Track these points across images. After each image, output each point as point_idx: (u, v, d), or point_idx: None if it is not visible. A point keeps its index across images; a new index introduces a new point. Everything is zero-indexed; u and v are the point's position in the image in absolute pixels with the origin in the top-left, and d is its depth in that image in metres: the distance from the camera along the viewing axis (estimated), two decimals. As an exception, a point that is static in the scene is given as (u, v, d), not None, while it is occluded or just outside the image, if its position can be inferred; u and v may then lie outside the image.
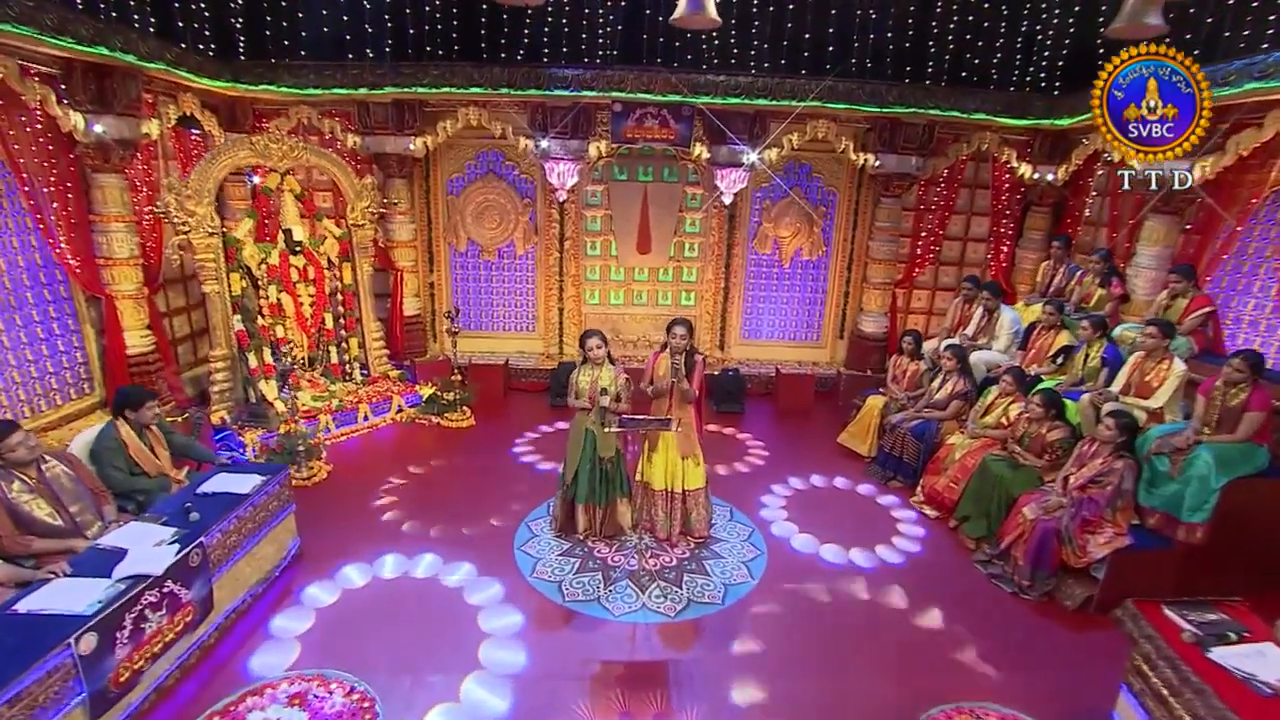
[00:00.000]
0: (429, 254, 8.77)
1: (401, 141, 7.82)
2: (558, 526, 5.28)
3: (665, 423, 4.55)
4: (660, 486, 5.13)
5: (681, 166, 8.57)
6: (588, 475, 5.07)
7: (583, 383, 5.00)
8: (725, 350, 9.19)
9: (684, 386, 4.87)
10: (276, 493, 4.72)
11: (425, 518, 5.49)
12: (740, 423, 7.87)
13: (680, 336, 4.79)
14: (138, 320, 6.40)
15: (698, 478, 5.20)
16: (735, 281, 8.99)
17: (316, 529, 5.16)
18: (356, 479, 6.09)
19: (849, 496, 6.25)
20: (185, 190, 6.12)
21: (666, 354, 4.95)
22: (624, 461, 5.20)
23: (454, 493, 5.94)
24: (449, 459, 6.63)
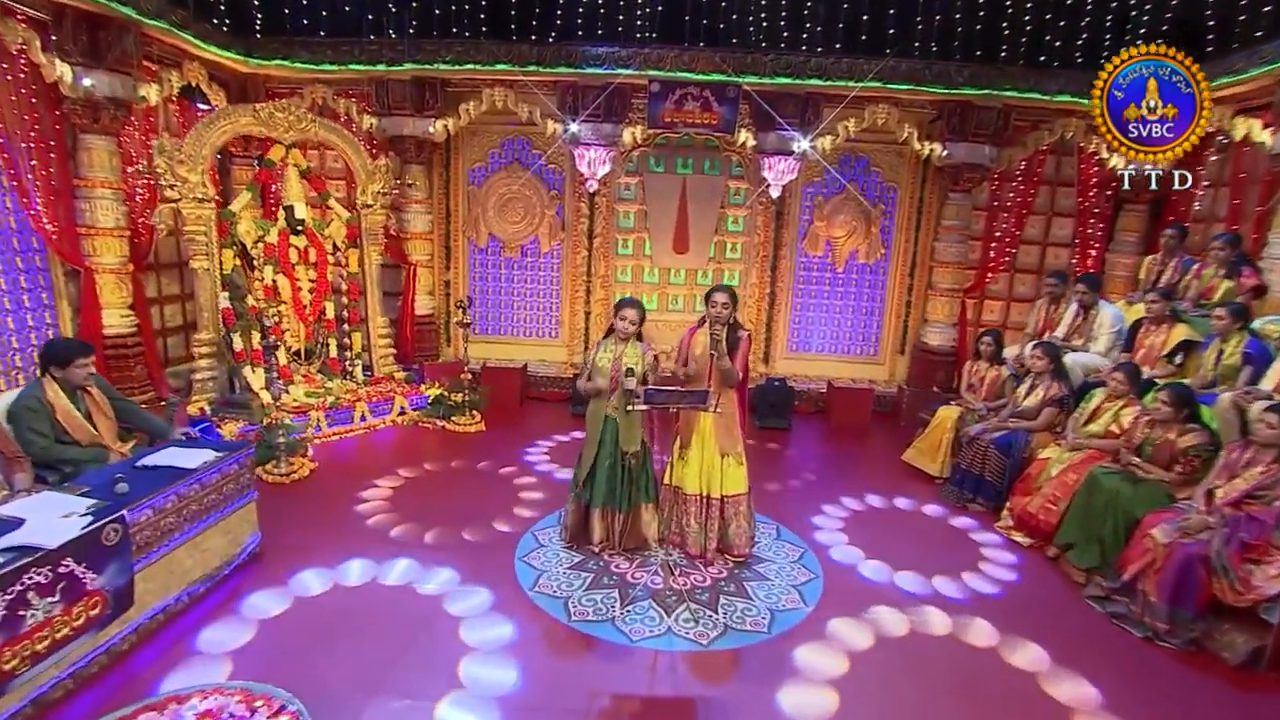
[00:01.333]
0: (446, 249, 8.32)
1: (421, 124, 7.43)
2: (569, 536, 4.57)
3: (702, 397, 3.79)
4: (694, 490, 4.40)
5: (724, 159, 8.03)
6: (607, 474, 4.37)
7: (603, 360, 4.35)
8: (770, 364, 8.43)
9: (725, 364, 4.14)
10: (234, 474, 4.08)
11: (415, 522, 4.84)
12: (787, 440, 7.07)
13: (722, 305, 4.15)
14: (118, 298, 5.97)
15: (739, 480, 4.44)
16: (782, 287, 8.32)
17: (285, 527, 4.60)
18: (342, 479, 5.52)
19: (919, 519, 5.41)
20: (178, 154, 5.71)
21: (704, 330, 4.31)
22: (651, 458, 4.47)
23: (452, 497, 5.32)
24: (451, 463, 6.02)
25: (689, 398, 3.82)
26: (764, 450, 6.69)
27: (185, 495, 3.69)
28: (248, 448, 4.26)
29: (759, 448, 6.69)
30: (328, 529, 4.67)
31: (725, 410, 4.34)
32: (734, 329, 4.29)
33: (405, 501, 5.15)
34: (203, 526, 3.83)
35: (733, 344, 4.24)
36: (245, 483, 4.20)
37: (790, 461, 6.47)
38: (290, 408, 6.22)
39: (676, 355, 4.53)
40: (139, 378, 6.09)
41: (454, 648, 3.49)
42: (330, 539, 4.52)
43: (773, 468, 6.26)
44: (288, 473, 5.39)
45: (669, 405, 3.85)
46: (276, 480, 5.32)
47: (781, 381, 7.63)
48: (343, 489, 5.27)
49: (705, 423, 4.35)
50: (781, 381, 7.63)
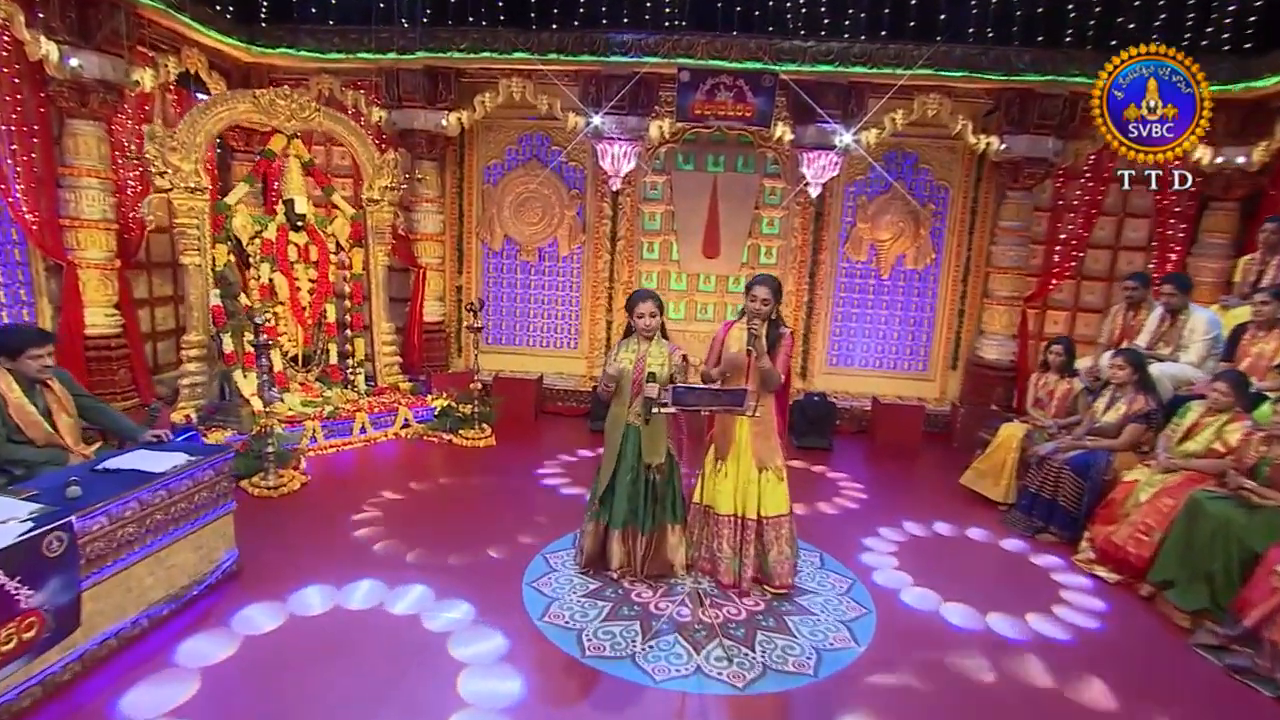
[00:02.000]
0: (458, 251, 8.10)
1: (433, 117, 7.25)
2: (585, 560, 4.21)
3: (739, 398, 3.41)
4: (727, 510, 4.03)
5: (759, 156, 7.75)
6: (628, 490, 4.02)
7: (624, 362, 4.02)
8: (808, 379, 8.03)
9: (765, 364, 3.79)
10: (208, 481, 3.77)
11: (411, 541, 4.53)
12: (828, 461, 6.67)
13: (763, 300, 3.85)
14: (103, 296, 5.78)
15: (780, 499, 4.06)
16: (822, 295, 7.96)
17: (268, 544, 4.34)
18: (336, 494, 5.25)
19: (982, 550, 4.99)
20: (170, 140, 5.53)
21: (741, 326, 3.98)
22: (678, 473, 4.12)
23: (454, 516, 5.02)
24: (457, 479, 5.73)
25: (724, 399, 3.45)
26: (803, 472, 6.32)
27: (148, 502, 3.38)
28: (225, 452, 3.96)
29: (797, 468, 6.32)
30: (316, 548, 4.39)
31: (764, 418, 3.99)
32: (774, 325, 3.98)
33: (403, 520, 4.87)
34: (168, 539, 3.52)
35: (772, 342, 3.93)
36: (222, 491, 3.90)
37: (833, 484, 6.07)
38: (284, 417, 5.98)
39: (709, 354, 4.19)
40: (122, 383, 5.88)
41: (445, 686, 3.12)
42: (318, 559, 4.22)
43: (814, 490, 5.87)
44: (276, 486, 5.11)
45: (701, 407, 3.47)
46: (263, 493, 5.05)
47: (822, 396, 7.21)
48: (336, 505, 5.01)
49: (742, 432, 4.02)
50: (822, 396, 7.21)
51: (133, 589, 3.33)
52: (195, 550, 3.72)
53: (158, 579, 3.48)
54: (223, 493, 3.91)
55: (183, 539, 3.62)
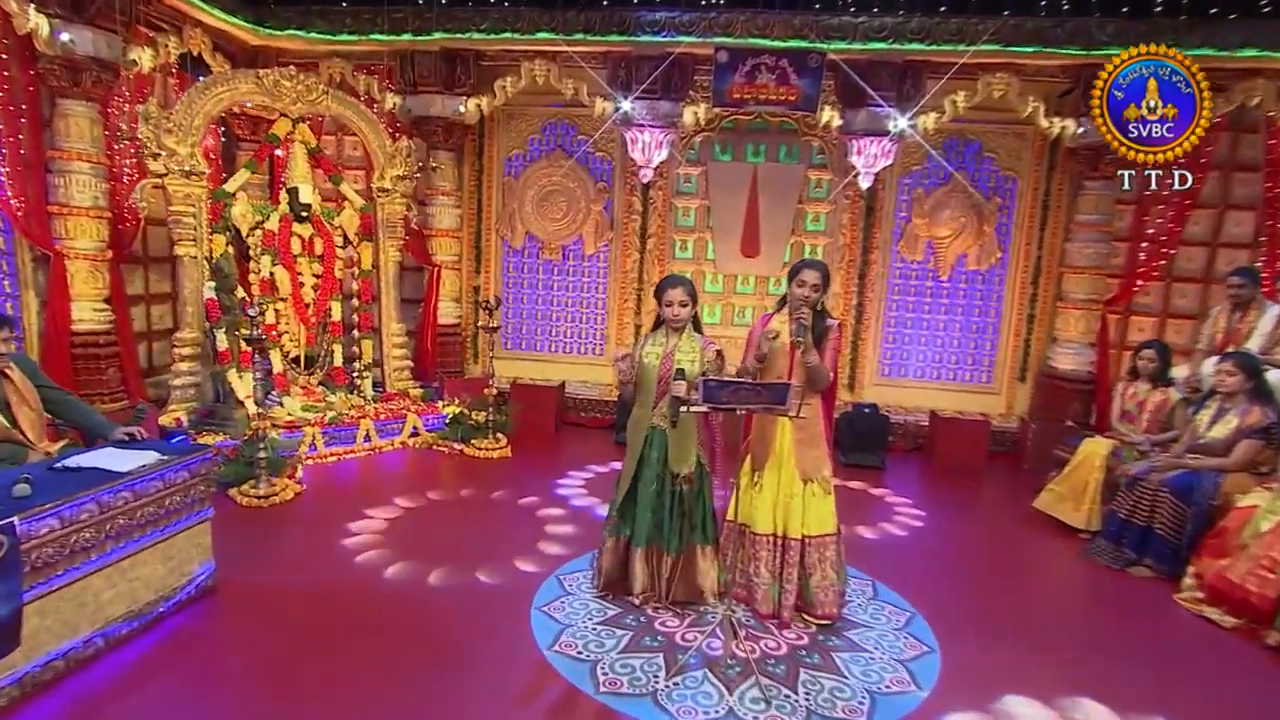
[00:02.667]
0: (476, 249, 7.94)
1: (451, 103, 7.11)
2: (603, 583, 3.92)
3: (780, 394, 3.08)
4: (766, 529, 3.74)
5: (803, 144, 7.47)
6: (651, 502, 3.73)
7: (650, 357, 3.75)
8: (856, 391, 7.66)
9: (812, 359, 3.49)
10: (181, 484, 3.55)
11: (410, 558, 4.28)
12: (880, 480, 6.30)
13: (812, 286, 3.58)
14: (92, 289, 5.66)
15: (826, 516, 3.74)
16: (873, 298, 7.63)
17: (252, 558, 4.17)
18: (333, 506, 5.05)
19: (1065, 580, 4.52)
20: (166, 122, 5.42)
21: (781, 317, 3.74)
22: (710, 485, 3.81)
23: (460, 532, 4.78)
24: (466, 491, 5.49)
25: (764, 395, 3.11)
26: (852, 492, 5.96)
27: (109, 505, 3.15)
28: (204, 452, 3.74)
29: (846, 488, 5.97)
30: (306, 563, 4.18)
31: (808, 422, 3.68)
32: (820, 316, 3.68)
33: (402, 535, 4.65)
34: (132, 547, 3.29)
35: (819, 335, 3.63)
36: (198, 496, 3.68)
37: (887, 506, 5.69)
38: (282, 422, 5.81)
39: (745, 351, 3.88)
40: (111, 383, 5.74)
41: None
42: (304, 574, 4.00)
43: (865, 512, 5.50)
44: (267, 495, 4.90)
45: (736, 406, 3.14)
46: (252, 503, 4.87)
47: (872, 409, 6.83)
48: (331, 518, 4.81)
49: (784, 438, 3.72)
50: (872, 409, 6.83)
51: (88, 604, 3.09)
52: (164, 561, 3.48)
53: (119, 593, 3.24)
54: (199, 498, 3.69)
55: (150, 548, 3.39)
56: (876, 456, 6.60)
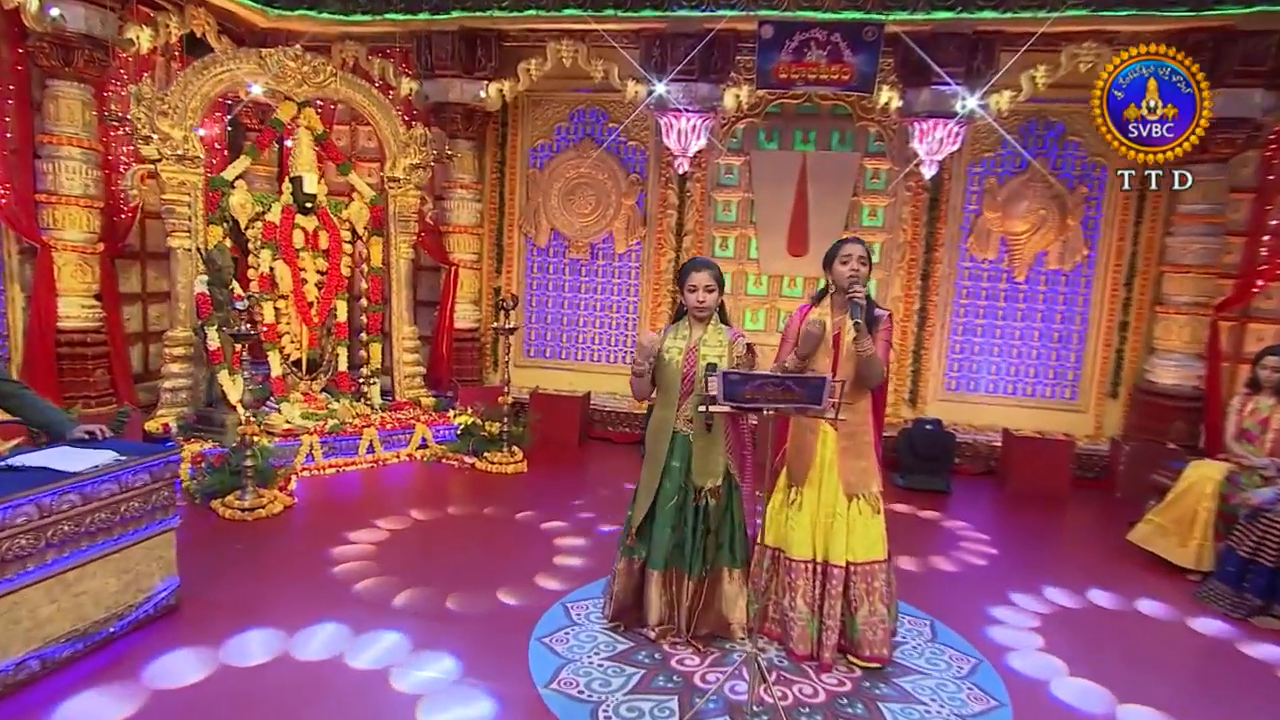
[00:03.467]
0: (497, 247, 7.84)
1: (470, 88, 7.03)
2: (614, 611, 3.68)
3: (815, 390, 2.80)
4: (803, 554, 3.47)
5: (859, 130, 7.20)
6: (671, 518, 3.51)
7: (672, 352, 3.54)
8: (918, 406, 7.30)
9: (866, 346, 3.26)
10: (143, 489, 3.41)
11: (403, 580, 4.11)
12: (945, 506, 5.94)
13: (859, 260, 3.35)
14: (81, 283, 5.65)
15: (874, 540, 3.45)
16: (937, 302, 7.29)
17: (225, 576, 4.06)
18: (324, 521, 4.95)
19: (1166, 631, 4.13)
20: (160, 103, 5.39)
21: (821, 308, 3.51)
22: (740, 500, 3.57)
23: (462, 552, 4.62)
24: (472, 508, 5.33)
25: (794, 391, 2.82)
26: (912, 518, 5.63)
27: (50, 509, 2.98)
28: (170, 453, 3.60)
29: (905, 515, 5.65)
30: (282, 582, 4.05)
31: (855, 429, 3.40)
32: (872, 306, 3.43)
33: (398, 554, 4.50)
34: (79, 558, 3.12)
35: (871, 321, 3.36)
36: (161, 503, 3.53)
37: (952, 535, 5.31)
38: (279, 429, 5.71)
39: (781, 346, 3.63)
40: (99, 385, 5.72)
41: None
42: (280, 595, 3.86)
43: (926, 541, 5.15)
44: (252, 507, 4.77)
45: (762, 404, 2.86)
46: (235, 515, 4.76)
47: (936, 425, 6.44)
48: (320, 533, 4.69)
49: (825, 447, 3.46)
50: (936, 425, 6.44)
51: (22, 620, 2.92)
52: (118, 575, 3.32)
53: (61, 609, 3.07)
54: (163, 505, 3.54)
55: (100, 559, 3.23)
56: (940, 479, 6.21)
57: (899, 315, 7.20)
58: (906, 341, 7.27)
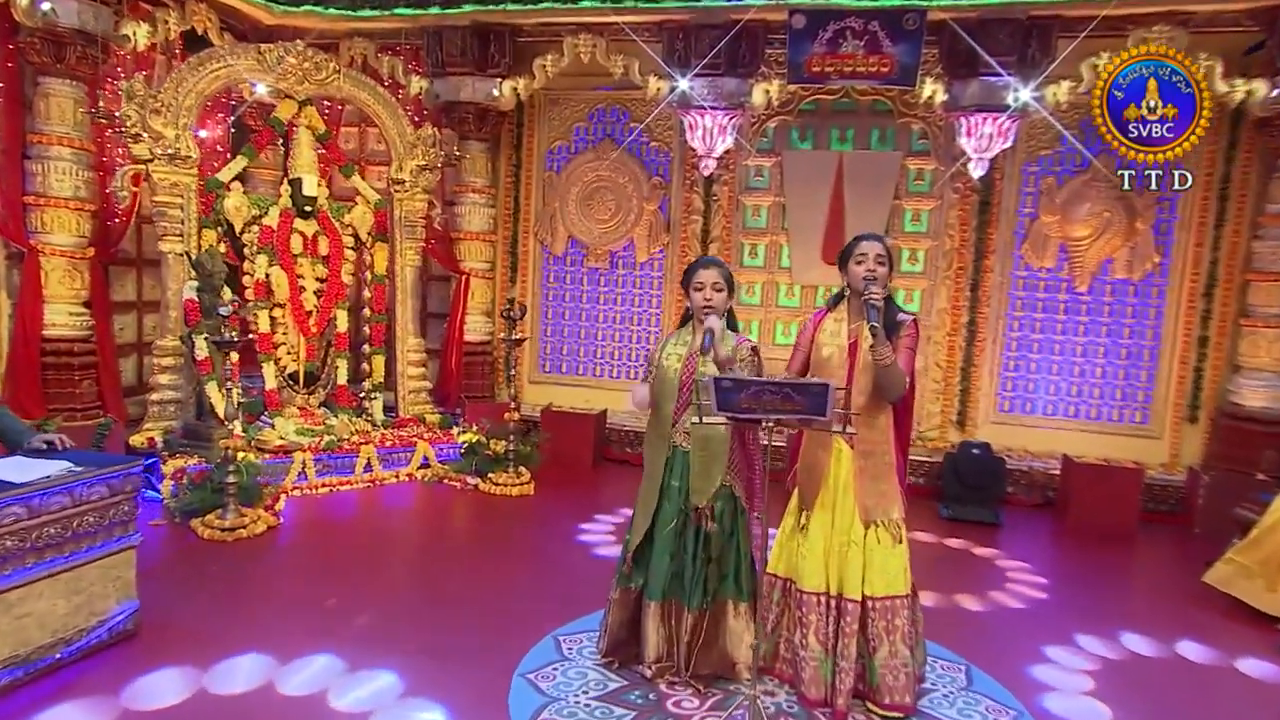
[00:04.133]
0: (511, 255, 7.85)
1: (483, 86, 7.05)
2: (607, 645, 3.57)
3: (818, 399, 2.64)
4: (815, 585, 3.29)
5: (901, 127, 7.05)
6: (669, 544, 3.40)
7: (670, 359, 3.46)
8: (967, 428, 7.07)
9: (885, 354, 3.07)
10: (99, 503, 3.39)
11: (384, 608, 4.07)
12: (993, 540, 5.70)
13: (876, 259, 3.20)
14: (69, 290, 5.73)
15: (895, 572, 3.26)
16: (988, 314, 7.06)
17: (194, 600, 4.04)
18: (309, 543, 5.00)
19: (1251, 689, 3.81)
20: (153, 101, 5.45)
21: (837, 315, 3.38)
22: (746, 523, 3.44)
23: (452, 578, 4.59)
24: (470, 532, 5.40)
25: (793, 399, 2.66)
26: (957, 553, 5.41)
27: (-8, 522, 2.94)
28: (131, 464, 3.56)
29: (949, 549, 5.46)
30: (257, 609, 4.00)
31: (874, 446, 3.26)
32: (890, 307, 3.24)
33: (381, 579, 4.47)
34: (22, 576, 3.08)
35: (892, 326, 3.19)
36: (121, 519, 3.51)
37: (998, 571, 5.08)
38: (271, 446, 5.71)
39: (792, 356, 3.49)
40: (86, 396, 5.76)
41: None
42: (255, 624, 3.80)
43: (969, 577, 4.94)
44: (232, 526, 4.74)
45: (759, 414, 2.71)
46: (215, 535, 4.75)
47: (984, 449, 6.20)
48: (303, 557, 4.75)
49: (839, 467, 3.29)
50: (984, 449, 6.20)
51: (-44, 644, 2.88)
52: (69, 596, 3.27)
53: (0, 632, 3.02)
54: (122, 520, 3.51)
55: (48, 578, 3.18)
56: (989, 510, 5.97)
57: (946, 328, 7.00)
58: (954, 357, 7.07)
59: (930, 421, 7.10)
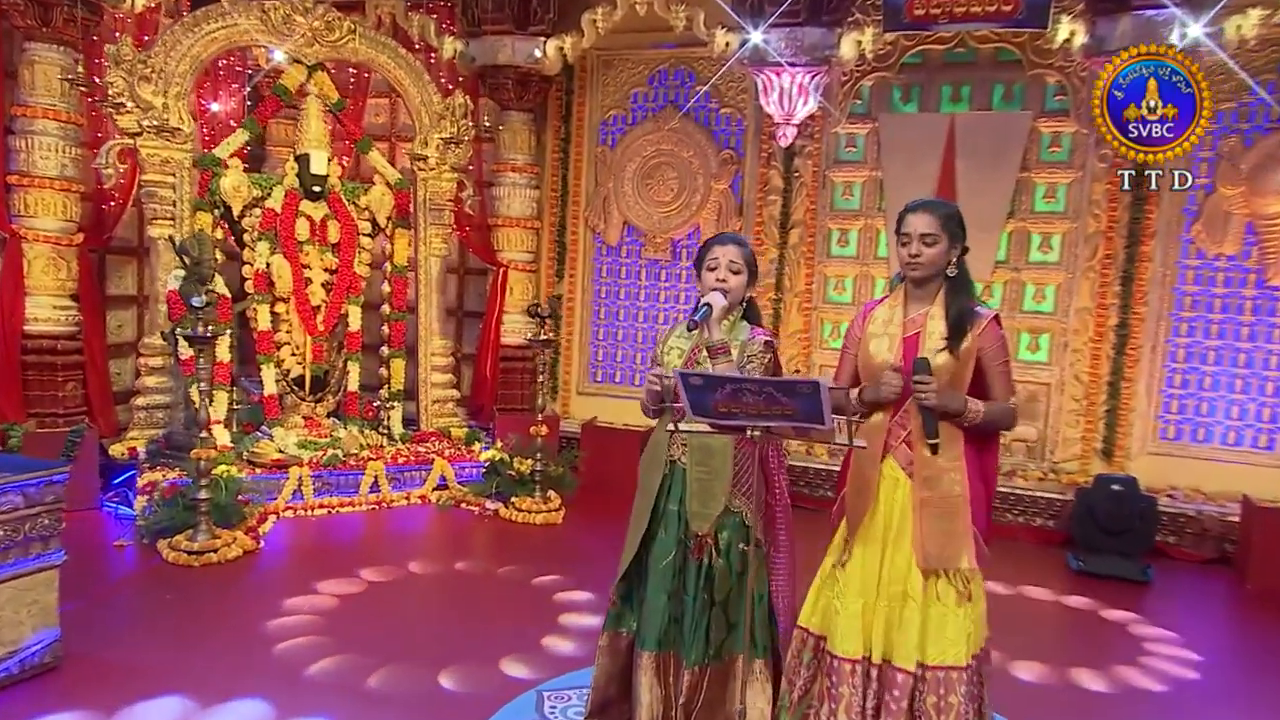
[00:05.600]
0: (558, 244, 7.83)
1: (524, 47, 7.05)
2: (594, 702, 3.37)
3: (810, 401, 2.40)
4: (850, 649, 2.96)
5: (1031, 81, 6.67)
6: (666, 580, 3.17)
7: (673, 355, 3.25)
8: (1115, 460, 6.57)
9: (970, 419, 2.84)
10: (9, 514, 3.39)
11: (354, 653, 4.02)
12: (1138, 601, 5.27)
13: (922, 240, 2.88)
14: (53, 280, 5.93)
15: (955, 637, 2.88)
16: (1145, 315, 6.60)
17: (135, 631, 4.10)
18: (286, 572, 5.09)
19: None
20: (142, 67, 5.61)
21: (891, 303, 3.07)
22: (764, 558, 3.20)
23: (442, 620, 4.66)
24: (473, 565, 5.34)
25: (782, 403, 2.43)
26: (1076, 614, 5.09)
27: None
28: (55, 471, 3.58)
29: (1067, 608, 5.09)
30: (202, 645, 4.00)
31: (942, 471, 2.91)
32: (959, 292, 2.90)
33: (357, 619, 4.47)
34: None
35: (959, 324, 2.84)
36: (40, 533, 3.55)
37: (1133, 643, 4.66)
38: (267, 460, 5.81)
39: (840, 363, 3.26)
40: (70, 400, 5.94)
41: None
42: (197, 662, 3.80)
43: (1091, 648, 4.55)
44: (201, 550, 4.80)
45: (744, 422, 2.48)
46: (180, 560, 4.83)
47: (1127, 486, 5.76)
48: (272, 588, 4.75)
49: (896, 492, 2.96)
50: (1127, 486, 5.76)
51: None
52: (-26, 622, 3.27)
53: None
54: (41, 536, 3.54)
55: (-56, 598, 3.19)
56: (1134, 564, 5.49)
57: (1086, 334, 6.61)
58: (1099, 370, 6.60)
59: (1067, 450, 6.65)
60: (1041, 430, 6.73)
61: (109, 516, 5.52)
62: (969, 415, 2.78)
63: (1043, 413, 6.73)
